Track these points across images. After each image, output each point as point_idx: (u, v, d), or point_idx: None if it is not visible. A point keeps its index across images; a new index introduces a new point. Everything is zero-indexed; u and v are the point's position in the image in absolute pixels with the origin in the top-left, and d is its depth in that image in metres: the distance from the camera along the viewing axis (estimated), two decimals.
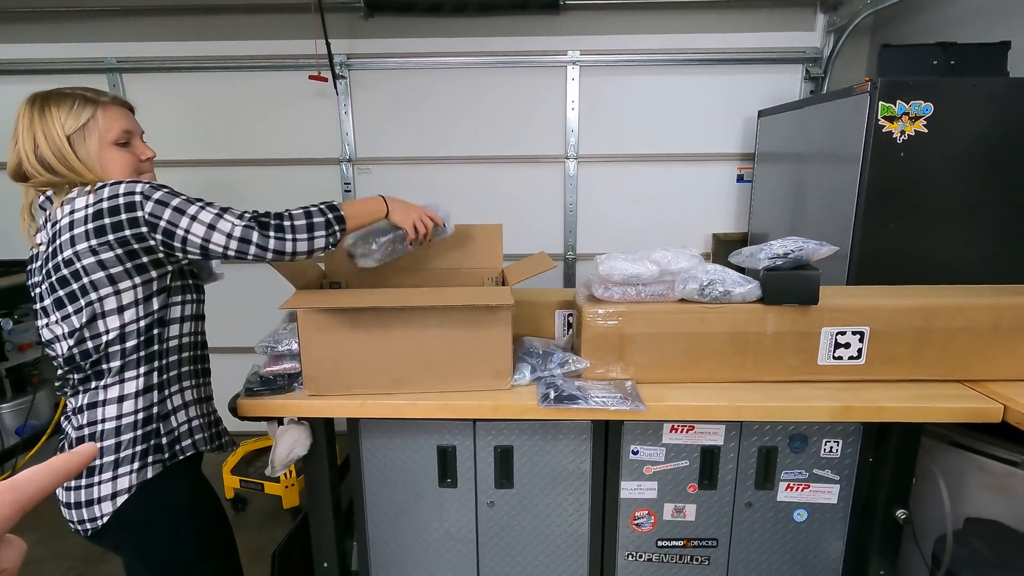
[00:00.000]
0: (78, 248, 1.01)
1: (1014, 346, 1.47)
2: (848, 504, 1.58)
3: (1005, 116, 1.91)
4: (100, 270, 1.02)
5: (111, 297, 1.04)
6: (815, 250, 1.41)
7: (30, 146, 1.08)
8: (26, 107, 1.11)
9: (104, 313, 1.05)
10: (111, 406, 1.09)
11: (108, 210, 1.02)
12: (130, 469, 1.09)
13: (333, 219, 1.20)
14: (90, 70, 3.00)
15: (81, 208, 1.03)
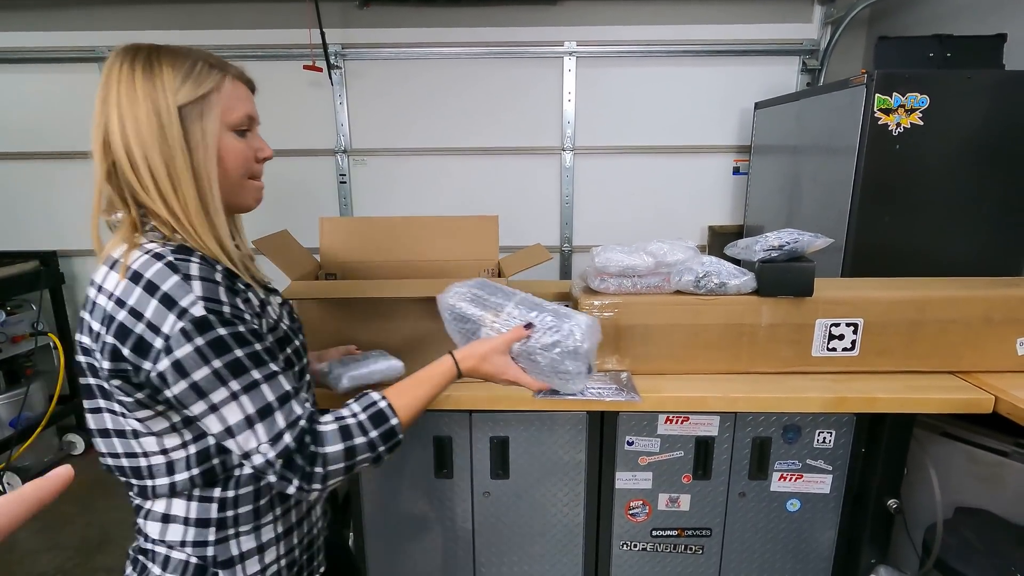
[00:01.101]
0: (95, 347, 0.74)
1: (1005, 338, 1.48)
2: (840, 494, 1.59)
3: (1001, 109, 1.92)
4: (116, 388, 0.74)
5: (135, 422, 0.76)
6: (810, 242, 1.41)
7: (118, 118, 0.74)
8: (123, 62, 0.76)
9: (136, 432, 0.77)
10: (153, 523, 0.82)
11: (118, 327, 0.70)
12: None
13: (386, 450, 0.83)
14: (81, 59, 2.97)
15: (107, 292, 0.72)
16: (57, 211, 3.17)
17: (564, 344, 0.93)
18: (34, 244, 3.14)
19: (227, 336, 0.72)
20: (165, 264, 0.71)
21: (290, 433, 0.74)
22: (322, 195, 3.15)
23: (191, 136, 0.77)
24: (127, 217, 0.77)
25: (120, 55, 0.78)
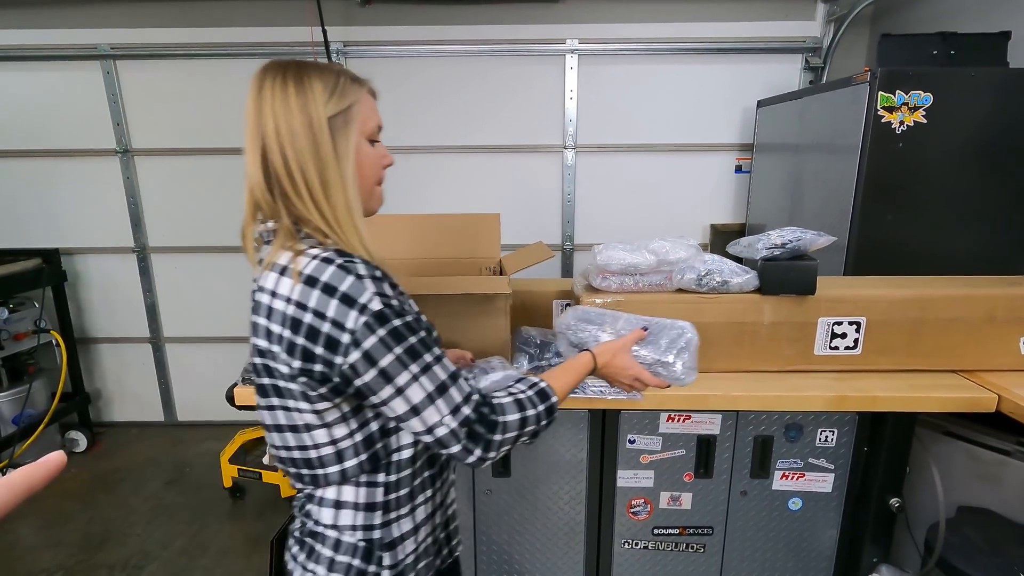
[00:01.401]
0: (273, 349, 0.78)
1: (1008, 337, 1.48)
2: (843, 493, 1.59)
3: (1005, 107, 1.91)
4: (292, 383, 0.78)
5: (309, 414, 0.81)
6: (813, 240, 1.41)
7: (274, 130, 0.79)
8: (275, 76, 0.81)
9: (308, 426, 0.82)
10: (327, 509, 0.87)
11: (307, 329, 0.75)
12: None
13: (545, 426, 0.92)
14: (84, 56, 2.97)
15: (283, 298, 0.76)
16: (59, 209, 3.17)
17: (677, 343, 1.06)
18: (36, 242, 3.15)
19: (401, 326, 0.77)
20: (337, 267, 0.75)
21: (467, 406, 0.81)
22: None
23: (338, 146, 0.82)
24: (282, 225, 0.81)
25: (271, 69, 0.83)
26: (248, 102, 0.82)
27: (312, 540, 0.88)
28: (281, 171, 0.80)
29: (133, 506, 2.65)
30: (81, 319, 3.33)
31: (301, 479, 0.87)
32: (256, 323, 0.80)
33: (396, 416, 0.80)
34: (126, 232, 3.20)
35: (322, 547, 0.87)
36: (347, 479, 0.84)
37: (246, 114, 0.82)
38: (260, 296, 0.80)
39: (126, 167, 3.11)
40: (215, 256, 3.24)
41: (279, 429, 0.84)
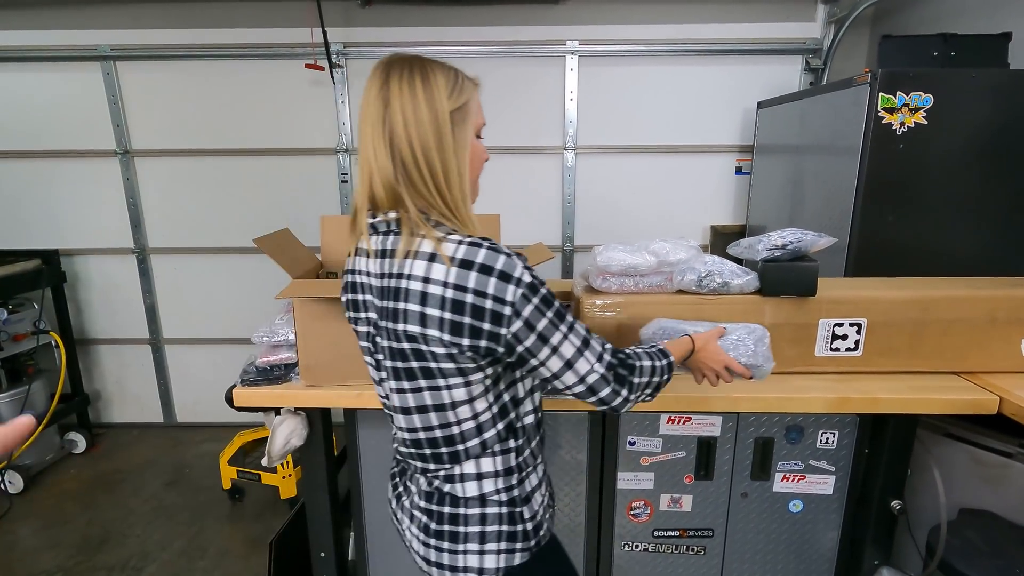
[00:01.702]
0: (428, 333, 0.82)
1: (1010, 338, 1.47)
2: (844, 495, 1.59)
3: (1005, 108, 1.90)
4: (450, 362, 0.84)
5: (460, 388, 0.87)
6: (814, 241, 1.40)
7: (403, 121, 0.82)
8: (401, 69, 0.85)
9: (454, 403, 0.88)
10: (470, 483, 0.93)
11: (471, 309, 0.80)
12: (496, 548, 0.93)
13: (666, 380, 1.01)
14: (83, 57, 2.97)
15: (439, 282, 0.81)
16: (59, 210, 3.17)
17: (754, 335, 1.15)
18: (36, 243, 3.15)
19: (547, 293, 0.85)
20: (487, 249, 0.81)
21: (607, 353, 0.91)
22: (323, 194, 3.15)
23: (457, 139, 0.87)
24: (410, 214, 0.84)
25: (396, 63, 0.86)
26: (370, 93, 0.85)
27: (452, 525, 0.93)
28: (410, 161, 0.83)
29: (132, 507, 2.64)
30: (80, 320, 3.32)
31: (439, 459, 0.93)
32: (404, 310, 0.83)
33: (552, 373, 0.88)
34: (126, 233, 3.20)
35: (466, 526, 0.93)
36: (485, 450, 0.92)
37: (365, 105, 0.85)
38: (406, 283, 0.83)
39: (126, 168, 3.11)
40: (215, 257, 3.24)
41: (422, 411, 0.89)
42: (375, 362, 0.94)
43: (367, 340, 0.94)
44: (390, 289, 0.85)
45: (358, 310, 0.94)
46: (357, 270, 0.93)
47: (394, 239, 0.86)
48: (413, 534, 0.98)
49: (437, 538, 0.94)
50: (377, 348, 0.91)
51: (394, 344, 0.86)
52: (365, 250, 0.90)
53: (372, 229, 0.88)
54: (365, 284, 0.91)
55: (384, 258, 0.87)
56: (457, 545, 0.93)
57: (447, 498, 0.94)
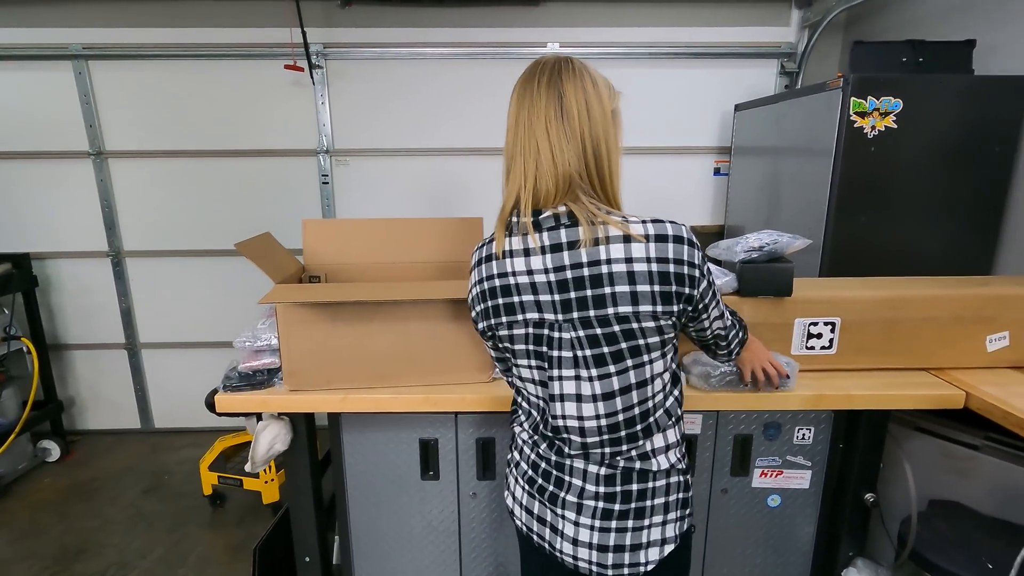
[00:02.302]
0: (640, 309, 0.86)
1: (975, 335, 1.53)
2: (820, 489, 1.63)
3: (970, 112, 1.97)
4: (657, 335, 0.89)
5: (659, 361, 0.92)
6: (789, 243, 1.44)
7: (585, 114, 0.87)
8: (572, 66, 0.90)
9: (653, 377, 0.92)
10: (660, 456, 0.97)
11: (676, 277, 0.86)
12: (676, 517, 0.98)
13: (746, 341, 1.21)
14: (54, 56, 2.90)
15: (642, 258, 0.85)
16: (30, 212, 3.10)
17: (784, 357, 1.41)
18: (6, 246, 3.07)
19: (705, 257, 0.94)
20: (669, 222, 0.89)
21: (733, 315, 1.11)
22: (304, 196, 3.13)
23: (617, 136, 0.94)
24: (580, 206, 0.87)
25: (561, 61, 0.90)
26: (536, 90, 0.88)
27: (640, 501, 0.95)
28: (591, 155, 0.89)
29: (110, 516, 2.59)
30: (53, 325, 3.24)
31: (634, 438, 0.95)
32: (612, 294, 0.86)
33: (711, 321, 0.99)
34: (100, 236, 3.13)
35: (653, 499, 0.96)
36: (670, 419, 0.97)
37: (532, 101, 0.88)
38: (607, 268, 0.86)
39: (99, 169, 3.05)
40: (192, 260, 3.19)
41: (626, 391, 0.92)
42: (544, 360, 0.93)
43: (528, 343, 0.93)
44: (583, 279, 0.87)
45: (513, 313, 0.92)
46: (506, 272, 0.92)
47: (567, 232, 0.87)
48: (582, 525, 0.95)
49: (621, 519, 0.94)
50: (552, 344, 0.91)
51: (598, 331, 0.88)
52: (519, 251, 0.90)
53: (536, 227, 0.89)
54: (523, 284, 0.91)
55: (560, 252, 0.88)
56: (643, 521, 0.95)
57: (635, 475, 0.95)
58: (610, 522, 0.95)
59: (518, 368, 0.98)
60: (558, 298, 0.88)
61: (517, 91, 0.91)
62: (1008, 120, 1.99)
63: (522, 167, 0.89)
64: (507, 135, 0.92)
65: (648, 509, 0.96)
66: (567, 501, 0.97)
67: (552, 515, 0.99)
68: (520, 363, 0.97)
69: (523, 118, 0.88)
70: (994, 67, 2.09)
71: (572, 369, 0.91)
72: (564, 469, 0.99)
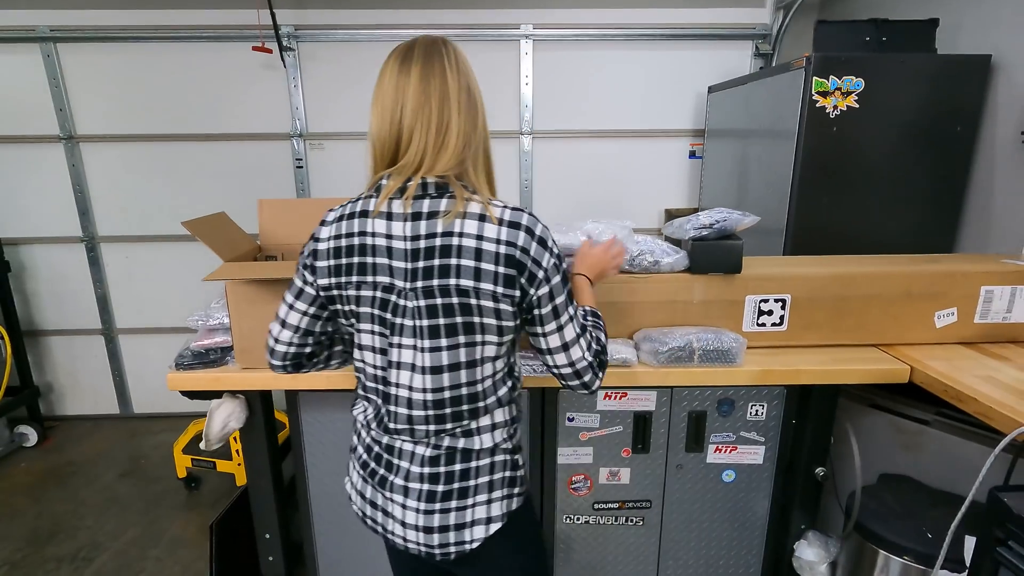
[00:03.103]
0: (481, 286, 0.87)
1: (925, 312, 1.55)
2: (773, 464, 1.65)
3: (932, 91, 1.98)
4: (494, 317, 0.89)
5: (493, 345, 0.93)
6: (739, 220, 1.45)
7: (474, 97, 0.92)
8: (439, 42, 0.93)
9: (483, 359, 0.93)
10: (485, 435, 0.98)
11: (519, 264, 0.87)
12: (503, 495, 0.99)
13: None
14: (21, 39, 2.86)
15: (492, 239, 0.86)
16: (2, 198, 3.07)
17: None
18: None
19: (566, 270, 0.94)
20: (529, 215, 0.90)
21: (594, 342, 1.01)
22: (278, 180, 3.11)
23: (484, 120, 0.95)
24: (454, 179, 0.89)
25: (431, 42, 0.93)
26: (414, 66, 0.90)
27: (463, 481, 0.96)
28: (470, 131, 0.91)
29: (84, 499, 2.61)
30: (29, 311, 3.24)
31: (459, 417, 0.95)
32: (457, 265, 0.86)
33: (547, 348, 0.97)
34: (73, 221, 3.12)
35: (476, 478, 0.97)
36: (500, 403, 0.98)
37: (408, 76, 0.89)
38: (458, 240, 0.86)
39: (71, 154, 3.02)
40: (168, 245, 3.18)
41: (454, 368, 0.92)
42: (386, 326, 0.92)
43: (374, 306, 0.92)
44: (434, 248, 0.87)
45: (364, 273, 0.90)
46: (366, 231, 0.90)
47: (431, 203, 0.88)
48: (409, 508, 0.96)
49: (444, 499, 0.95)
50: (397, 311, 0.90)
51: (437, 301, 0.87)
52: (383, 213, 0.89)
53: (404, 192, 0.88)
54: (380, 247, 0.89)
55: (420, 220, 0.87)
56: (467, 500, 0.96)
57: (458, 455, 0.96)
58: (434, 504, 0.95)
59: (359, 335, 0.97)
60: (409, 266, 0.88)
61: (430, 61, 0.90)
62: (970, 99, 1.99)
63: (420, 135, 0.88)
64: (393, 99, 0.90)
65: (471, 488, 0.96)
66: (395, 484, 0.97)
67: (383, 499, 0.99)
68: (362, 327, 0.95)
69: (426, 88, 0.88)
70: (961, 46, 2.09)
71: (411, 338, 0.91)
72: (394, 452, 0.98)
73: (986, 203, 2.03)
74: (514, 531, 1.01)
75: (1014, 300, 1.54)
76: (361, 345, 0.97)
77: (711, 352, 1.43)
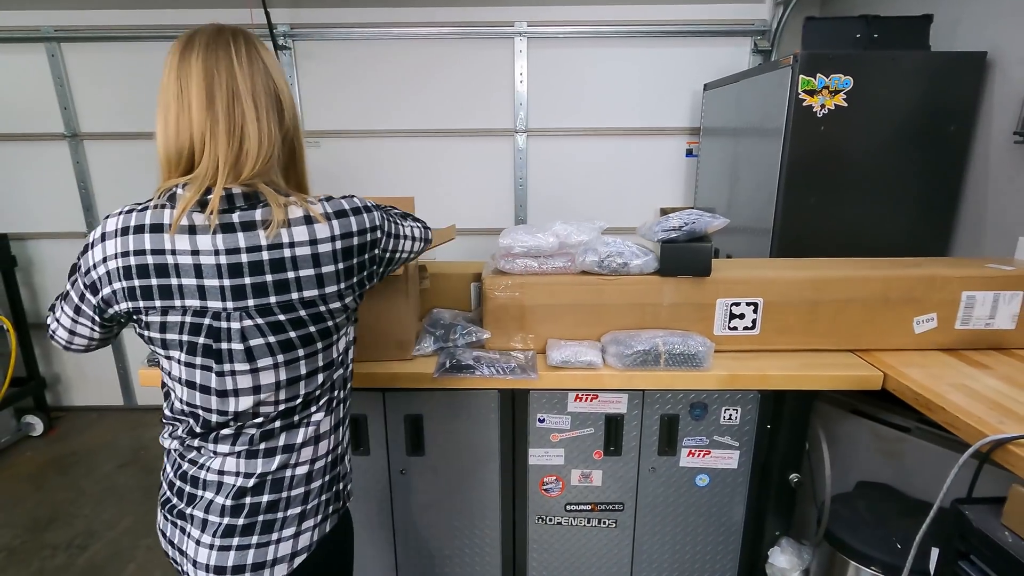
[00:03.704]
0: (327, 291, 0.83)
1: (903, 317, 1.51)
2: (748, 469, 1.63)
3: (924, 90, 1.92)
4: (343, 314, 0.87)
5: (342, 341, 0.90)
6: (708, 223, 1.43)
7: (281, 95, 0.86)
8: (227, 32, 0.83)
9: (340, 355, 0.91)
10: (307, 449, 0.90)
11: (358, 248, 0.86)
12: (314, 523, 0.92)
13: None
14: (26, 39, 2.93)
15: (327, 238, 0.82)
16: (7, 194, 3.16)
17: None
18: None
19: (384, 210, 0.98)
20: (340, 198, 0.87)
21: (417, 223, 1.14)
22: None
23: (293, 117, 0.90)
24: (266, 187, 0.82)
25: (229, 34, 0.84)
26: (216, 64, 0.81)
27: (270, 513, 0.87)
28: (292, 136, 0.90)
29: (84, 488, 2.68)
30: (36, 305, 3.33)
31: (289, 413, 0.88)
32: (284, 280, 0.80)
33: (408, 253, 1.02)
34: (78, 217, 3.20)
35: (287, 510, 0.89)
36: (330, 409, 0.93)
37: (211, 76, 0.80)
38: (290, 251, 0.80)
39: (75, 151, 3.10)
40: None
41: (294, 381, 0.86)
42: (210, 354, 0.81)
43: (184, 332, 0.80)
44: (261, 263, 0.78)
45: (170, 297, 0.79)
46: (164, 249, 0.78)
47: (242, 214, 0.79)
48: (204, 543, 0.86)
49: (245, 534, 0.86)
50: (222, 335, 0.80)
51: (280, 317, 0.80)
52: (184, 227, 0.78)
53: (205, 205, 0.78)
54: (184, 266, 0.78)
55: (234, 233, 0.78)
56: (270, 535, 0.87)
57: (268, 485, 0.87)
58: (232, 539, 0.85)
59: (169, 362, 0.84)
60: (228, 283, 0.78)
61: (214, 54, 0.81)
62: (964, 98, 1.94)
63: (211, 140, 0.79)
64: (177, 100, 0.80)
65: (277, 522, 0.88)
66: (194, 517, 0.87)
67: (180, 535, 0.89)
68: (172, 355, 0.83)
69: (211, 86, 0.79)
70: (957, 43, 2.03)
71: (247, 363, 0.81)
72: (199, 484, 0.88)
73: (981, 205, 1.97)
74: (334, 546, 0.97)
75: (997, 306, 1.50)
76: (172, 375, 0.86)
77: (678, 356, 1.41)
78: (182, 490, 0.89)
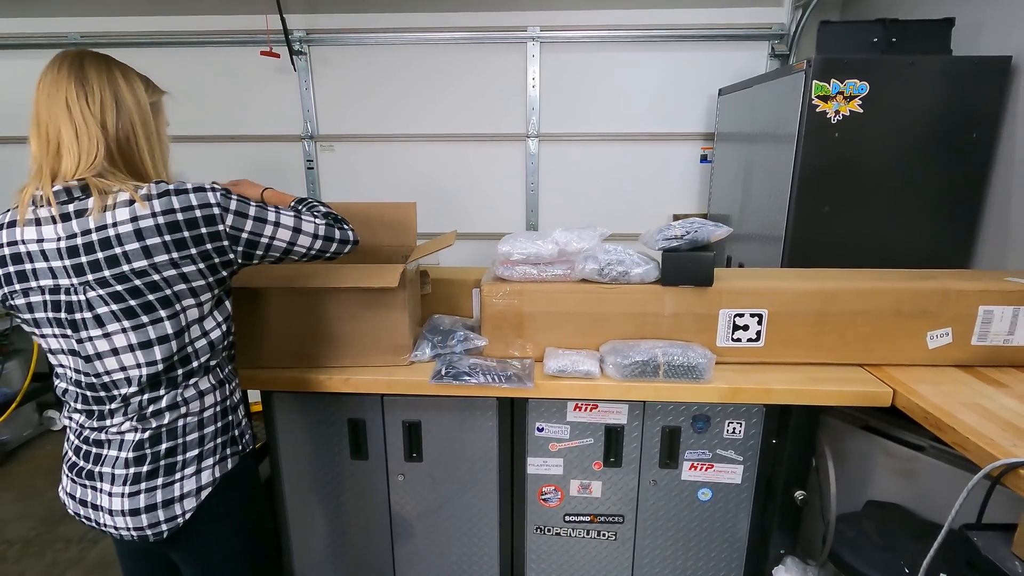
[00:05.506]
0: (156, 260, 0.93)
1: (916, 331, 1.46)
2: (752, 484, 1.59)
3: (945, 95, 1.86)
4: (182, 282, 0.96)
5: (194, 308, 1.00)
6: (711, 232, 1.40)
7: (104, 104, 0.97)
8: (97, 61, 1.00)
9: (188, 324, 1.00)
10: (194, 403, 1.04)
11: (185, 222, 0.94)
12: (213, 461, 1.06)
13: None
14: (54, 45, 3.02)
15: (148, 216, 0.92)
16: None
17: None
18: None
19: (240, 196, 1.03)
20: (175, 183, 0.97)
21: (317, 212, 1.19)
22: (289, 181, 3.19)
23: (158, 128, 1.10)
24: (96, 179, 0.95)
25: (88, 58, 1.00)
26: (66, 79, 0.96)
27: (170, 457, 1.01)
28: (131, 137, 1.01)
29: None
30: None
31: (173, 384, 1.01)
32: (112, 256, 0.91)
33: (288, 243, 1.07)
34: None
35: (185, 453, 1.02)
36: (210, 367, 1.05)
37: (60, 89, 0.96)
38: (114, 230, 0.91)
39: None
40: None
41: (147, 345, 0.97)
42: (69, 325, 0.95)
43: (47, 310, 0.95)
44: (92, 243, 0.92)
45: (26, 280, 0.95)
46: (16, 240, 0.94)
47: (77, 203, 0.93)
48: (115, 495, 1.00)
49: (150, 478, 1.00)
50: (74, 307, 0.94)
51: (118, 287, 0.93)
52: (31, 220, 0.94)
53: (47, 199, 0.93)
54: (34, 252, 0.93)
55: (70, 221, 0.92)
56: (174, 475, 1.01)
57: (164, 434, 1.01)
58: (140, 484, 0.99)
59: (44, 340, 0.99)
60: (69, 263, 0.92)
61: (47, 72, 0.98)
62: (988, 103, 1.87)
63: (45, 143, 0.95)
64: (33, 112, 0.97)
65: (179, 463, 1.02)
66: (103, 474, 1.01)
67: (92, 493, 1.02)
68: (45, 332, 0.98)
69: (45, 96, 0.95)
70: (980, 48, 1.96)
71: (99, 328, 0.94)
72: (102, 444, 1.02)
73: (1004, 215, 1.89)
74: (233, 485, 1.08)
75: (1016, 322, 1.43)
76: (51, 349, 1.00)
77: (677, 367, 1.38)
78: (89, 452, 1.03)
